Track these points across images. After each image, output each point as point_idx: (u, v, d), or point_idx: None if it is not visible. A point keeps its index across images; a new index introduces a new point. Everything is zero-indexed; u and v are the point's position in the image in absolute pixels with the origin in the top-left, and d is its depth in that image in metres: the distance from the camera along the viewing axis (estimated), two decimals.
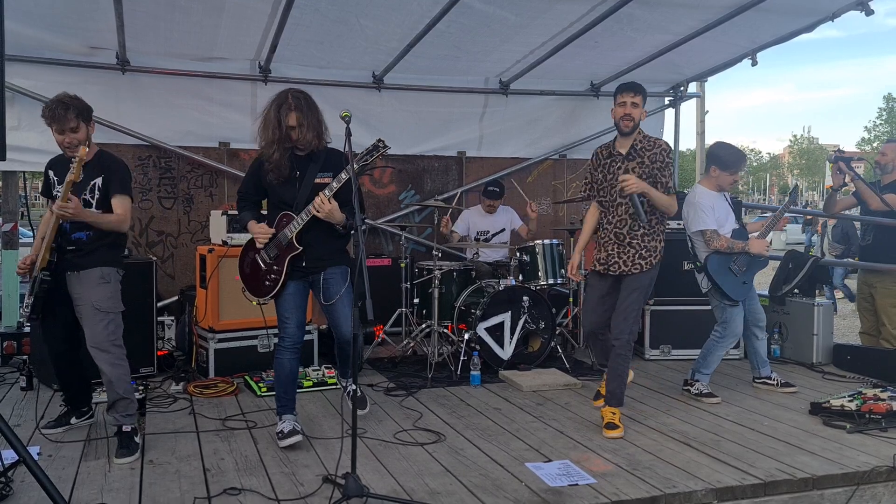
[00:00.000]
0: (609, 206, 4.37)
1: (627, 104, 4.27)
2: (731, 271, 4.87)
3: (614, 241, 4.34)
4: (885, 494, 3.66)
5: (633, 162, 4.27)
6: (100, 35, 5.86)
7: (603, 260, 4.39)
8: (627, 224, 4.30)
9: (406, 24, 5.87)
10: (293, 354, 4.00)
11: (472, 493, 3.38)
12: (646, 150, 4.29)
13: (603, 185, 4.40)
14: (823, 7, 5.80)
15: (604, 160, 4.40)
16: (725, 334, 4.98)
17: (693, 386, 5.04)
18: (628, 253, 4.30)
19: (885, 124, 41.99)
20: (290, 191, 3.98)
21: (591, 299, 4.55)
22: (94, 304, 3.85)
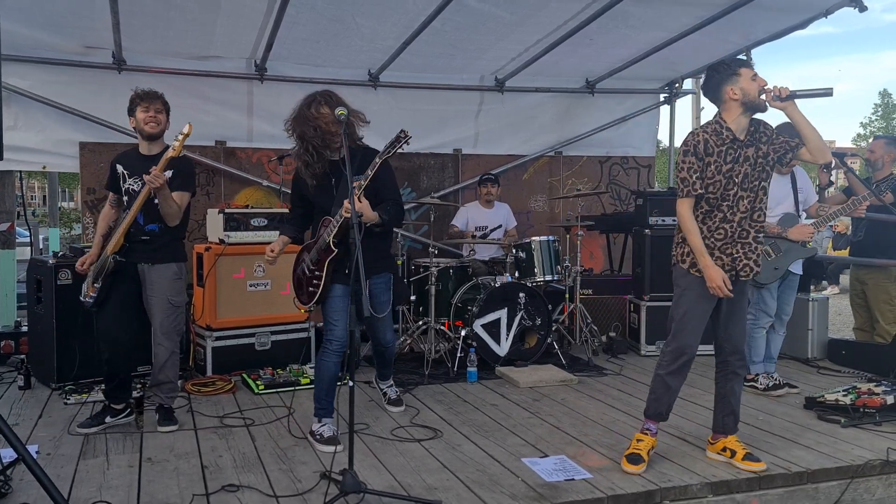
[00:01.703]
0: (728, 200, 3.62)
1: (758, 76, 3.58)
2: (763, 253, 4.86)
3: (737, 241, 3.66)
4: (880, 488, 3.69)
5: (751, 148, 3.63)
6: (96, 34, 5.86)
7: (728, 266, 3.65)
8: (748, 218, 3.65)
9: (402, 23, 5.88)
10: (338, 357, 4.01)
11: (469, 489, 3.40)
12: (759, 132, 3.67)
13: (716, 178, 3.60)
14: (817, 4, 5.83)
15: (718, 147, 3.60)
16: (758, 315, 4.94)
17: (757, 381, 5.00)
18: (755, 251, 3.70)
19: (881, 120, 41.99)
20: (327, 197, 4.02)
21: (697, 315, 3.68)
22: (170, 298, 4.21)
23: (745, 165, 3.61)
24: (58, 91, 6.17)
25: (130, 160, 4.27)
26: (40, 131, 6.22)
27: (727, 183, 3.61)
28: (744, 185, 3.62)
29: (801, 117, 3.52)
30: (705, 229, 3.67)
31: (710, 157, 3.60)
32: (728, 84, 3.58)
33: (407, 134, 3.81)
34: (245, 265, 5.56)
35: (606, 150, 8.18)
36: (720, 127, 3.62)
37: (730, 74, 3.59)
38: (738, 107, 3.59)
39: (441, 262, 6.07)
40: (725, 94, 3.59)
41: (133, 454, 3.85)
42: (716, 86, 3.63)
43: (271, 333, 5.61)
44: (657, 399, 3.77)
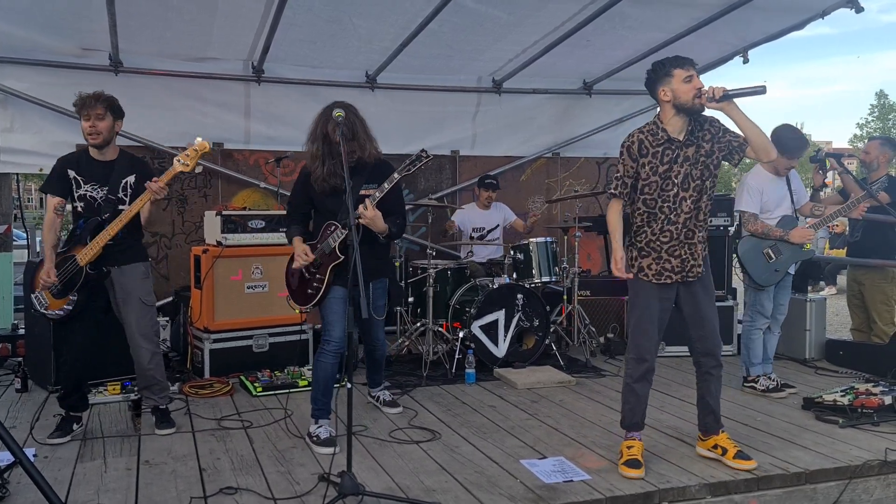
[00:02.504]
0: (668, 202, 3.60)
1: (694, 77, 3.53)
2: (763, 255, 4.85)
3: (684, 242, 3.63)
4: (878, 488, 3.69)
5: (690, 148, 3.58)
6: (93, 36, 5.86)
7: (677, 268, 3.64)
8: (693, 218, 3.62)
9: (399, 24, 5.88)
10: (336, 359, 4.04)
11: (467, 491, 3.40)
12: (702, 131, 3.61)
13: (652, 179, 3.60)
14: (813, 5, 5.84)
15: (653, 148, 3.59)
16: (755, 318, 4.96)
17: (757, 382, 5.00)
18: (698, 251, 3.67)
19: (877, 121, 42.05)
20: (336, 202, 4.01)
21: (648, 319, 3.69)
22: (142, 298, 4.16)
23: (686, 166, 3.57)
24: (55, 93, 6.16)
25: (84, 165, 4.10)
26: (37, 133, 6.21)
27: (664, 183, 3.58)
28: (684, 185, 3.59)
29: (740, 117, 3.47)
30: (650, 232, 3.66)
31: (645, 158, 3.59)
32: (660, 84, 3.56)
33: (428, 154, 3.92)
34: (243, 267, 5.55)
35: (604, 152, 8.19)
36: (656, 127, 3.60)
37: (663, 75, 3.56)
38: (670, 108, 3.57)
39: (439, 264, 6.07)
40: (658, 94, 3.58)
41: (131, 457, 3.84)
42: (651, 85, 3.64)
43: (269, 335, 5.60)
44: (631, 409, 3.76)
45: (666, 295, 3.69)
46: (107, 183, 4.08)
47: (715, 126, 3.63)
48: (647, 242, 3.67)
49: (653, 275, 3.67)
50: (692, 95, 3.48)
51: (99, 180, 4.07)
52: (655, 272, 3.67)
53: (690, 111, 3.53)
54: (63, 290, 4.03)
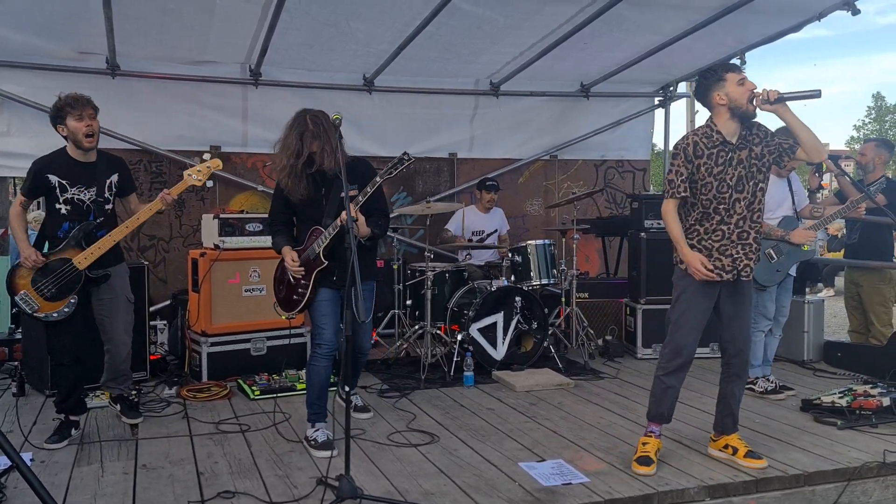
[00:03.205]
0: (724, 203, 3.63)
1: (746, 80, 3.58)
2: (764, 256, 4.85)
3: (737, 243, 3.66)
4: (876, 490, 3.69)
5: (744, 151, 3.63)
6: (89, 40, 5.85)
7: (728, 266, 3.65)
8: (747, 220, 3.66)
9: (396, 27, 5.88)
10: (328, 361, 4.02)
11: (465, 494, 3.39)
12: (752, 134, 3.66)
13: (707, 180, 3.62)
14: (810, 7, 5.85)
15: (708, 150, 3.62)
16: (757, 319, 4.93)
17: (755, 384, 4.99)
18: (755, 251, 3.70)
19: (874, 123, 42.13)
20: (317, 208, 4.01)
21: (694, 315, 3.70)
22: (127, 296, 4.29)
23: (739, 168, 3.63)
24: (51, 97, 6.07)
25: (66, 168, 4.07)
26: (33, 137, 6.19)
27: (719, 185, 3.62)
28: (738, 187, 3.63)
29: (793, 119, 3.53)
30: (702, 231, 3.69)
31: (700, 160, 3.63)
32: (715, 90, 3.61)
33: (410, 157, 3.88)
34: (240, 270, 5.54)
35: (602, 154, 8.20)
36: (711, 130, 3.65)
37: (716, 80, 3.61)
38: (725, 111, 3.62)
39: (437, 267, 6.06)
40: (713, 99, 3.64)
41: (128, 461, 3.82)
42: (704, 92, 3.69)
43: (267, 339, 5.59)
44: (657, 401, 3.79)
45: (711, 293, 3.71)
46: (93, 184, 4.10)
47: (762, 130, 3.71)
48: (698, 240, 3.70)
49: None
50: (747, 98, 3.54)
51: (85, 183, 4.09)
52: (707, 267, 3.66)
53: (745, 114, 3.59)
54: (58, 292, 4.00)
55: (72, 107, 4.01)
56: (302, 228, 4.14)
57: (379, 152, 6.97)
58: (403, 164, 3.87)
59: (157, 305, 6.38)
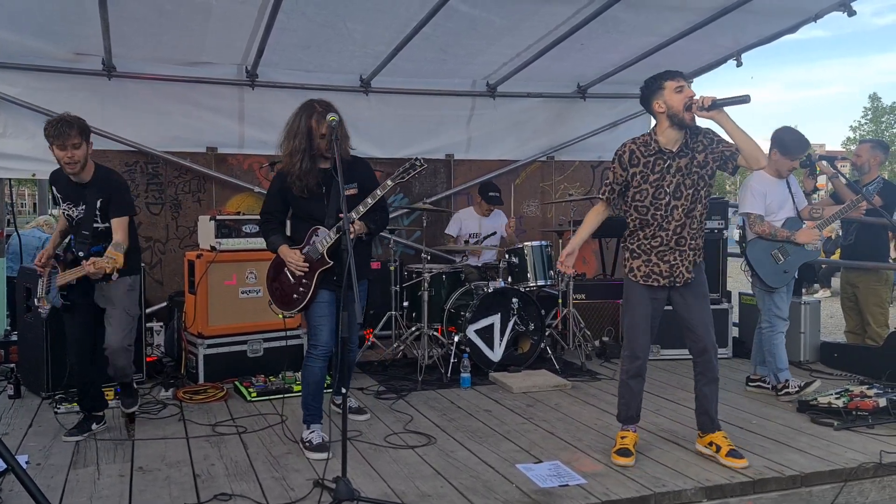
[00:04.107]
0: (660, 210, 3.73)
1: (685, 88, 3.64)
2: (771, 257, 4.87)
3: (674, 249, 3.76)
4: (873, 490, 3.69)
5: (684, 159, 3.71)
6: (86, 41, 5.84)
7: (665, 272, 3.77)
8: (686, 227, 3.76)
9: (393, 28, 5.88)
10: (324, 363, 4.02)
11: (462, 496, 3.39)
12: (695, 142, 3.72)
13: (643, 187, 3.74)
14: (806, 8, 5.85)
15: (644, 158, 3.74)
16: (774, 322, 4.94)
17: (789, 385, 4.95)
18: (689, 258, 3.79)
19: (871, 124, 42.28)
20: (318, 205, 3.97)
21: (640, 318, 3.83)
22: (126, 310, 4.20)
23: (678, 176, 3.71)
24: (47, 98, 6.14)
25: (63, 183, 4.17)
26: (30, 138, 6.17)
27: (655, 192, 3.72)
28: (676, 194, 3.72)
29: (730, 125, 3.59)
30: (642, 236, 3.82)
31: (636, 168, 3.74)
32: (655, 98, 3.69)
33: (422, 162, 3.91)
34: (237, 272, 5.54)
35: (598, 155, 8.20)
36: (650, 139, 3.76)
37: (656, 89, 3.69)
38: (665, 119, 3.71)
39: (434, 268, 6.06)
40: (653, 107, 3.72)
41: (124, 463, 3.82)
42: (646, 100, 3.79)
43: (263, 340, 5.58)
44: (626, 404, 3.93)
45: (656, 296, 3.84)
46: (80, 203, 4.13)
47: (708, 137, 3.76)
48: (638, 245, 3.84)
49: (641, 276, 3.83)
50: (683, 105, 3.60)
51: (73, 201, 4.15)
52: (644, 274, 3.83)
53: (683, 122, 3.65)
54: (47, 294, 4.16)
55: (53, 137, 3.95)
56: (299, 227, 4.10)
57: (375, 153, 6.96)
58: (416, 169, 3.90)
59: (154, 307, 6.36)
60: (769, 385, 5.07)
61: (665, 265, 3.78)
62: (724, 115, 3.58)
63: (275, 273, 4.16)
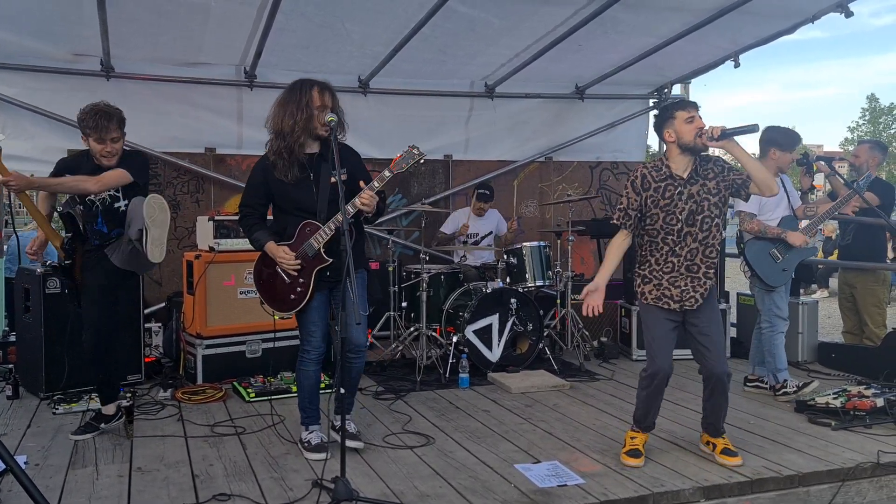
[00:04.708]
0: (672, 235, 3.76)
1: (696, 119, 3.71)
2: (770, 256, 4.88)
3: (686, 275, 3.77)
4: (870, 490, 3.70)
5: (695, 185, 3.74)
6: (84, 42, 5.84)
7: (677, 297, 3.77)
8: (699, 254, 3.76)
9: (392, 29, 5.89)
10: (318, 365, 3.95)
11: (461, 496, 3.39)
12: (706, 169, 3.77)
13: (653, 211, 3.77)
14: (803, 9, 5.87)
15: (656, 183, 3.78)
16: (774, 322, 4.95)
17: (787, 385, 4.95)
18: (703, 285, 3.78)
19: (868, 124, 42.33)
20: (307, 195, 3.76)
21: (660, 338, 3.84)
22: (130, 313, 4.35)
23: (690, 203, 3.74)
24: (46, 98, 6.15)
25: (87, 171, 4.02)
26: (29, 139, 6.19)
27: (666, 217, 3.75)
28: (689, 221, 3.75)
29: (741, 153, 3.73)
30: (653, 261, 3.85)
31: (647, 193, 3.78)
32: (665, 127, 3.78)
33: (420, 151, 3.81)
34: (235, 272, 5.54)
35: (596, 156, 8.21)
36: (661, 164, 3.82)
37: (667, 118, 3.78)
38: (675, 147, 3.76)
39: (432, 269, 6.07)
40: (664, 136, 3.80)
41: (123, 464, 3.81)
42: (658, 128, 3.86)
43: (262, 341, 5.58)
44: (644, 414, 3.91)
45: (668, 317, 3.83)
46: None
47: (719, 165, 3.82)
48: (649, 271, 3.85)
49: (652, 299, 3.84)
50: (694, 135, 3.68)
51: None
52: (655, 297, 3.83)
53: (693, 150, 3.72)
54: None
55: (92, 129, 3.91)
56: (287, 221, 3.85)
57: (374, 154, 6.96)
58: (413, 158, 3.79)
59: (152, 308, 6.36)
60: (767, 385, 5.08)
61: (676, 290, 3.78)
62: (734, 143, 3.67)
63: (264, 272, 3.93)
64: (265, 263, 3.93)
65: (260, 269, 3.97)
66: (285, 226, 3.87)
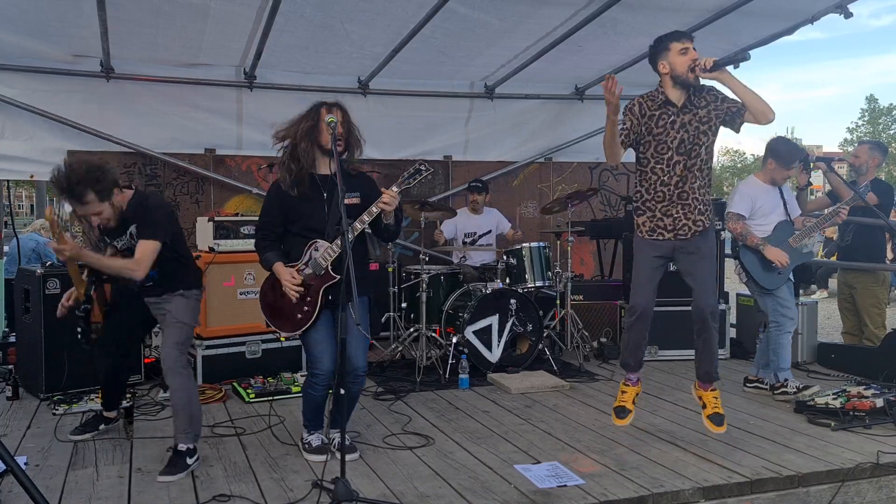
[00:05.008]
0: (661, 164, 3.80)
1: (689, 50, 3.70)
2: (765, 259, 4.89)
3: (677, 203, 3.81)
4: (870, 491, 3.70)
5: (687, 115, 3.77)
6: (84, 42, 5.84)
7: (670, 227, 3.83)
8: (688, 181, 3.79)
9: (391, 30, 5.89)
10: (326, 390, 3.83)
11: (461, 496, 3.39)
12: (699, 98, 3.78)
13: (646, 139, 3.80)
14: (803, 10, 5.87)
15: (650, 111, 3.79)
16: (782, 322, 4.94)
17: (787, 385, 4.96)
18: (694, 210, 3.82)
19: (868, 125, 42.34)
20: (318, 214, 3.72)
21: (644, 273, 3.91)
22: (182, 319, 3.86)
23: (682, 132, 3.78)
24: (45, 99, 6.15)
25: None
26: (28, 140, 6.18)
27: (657, 145, 3.80)
28: (679, 149, 3.79)
29: (735, 83, 3.66)
30: (644, 191, 3.90)
31: (644, 119, 3.80)
32: (659, 58, 3.79)
33: (428, 167, 3.79)
34: (235, 273, 5.54)
35: (596, 156, 8.21)
36: (657, 93, 3.84)
37: (661, 49, 3.78)
38: (669, 79, 3.78)
39: (432, 269, 6.07)
40: (659, 67, 3.80)
41: (123, 464, 3.82)
42: (652, 59, 3.86)
43: (262, 342, 5.58)
44: (628, 353, 4.06)
45: (658, 254, 3.91)
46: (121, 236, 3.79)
47: (712, 94, 3.83)
48: (643, 201, 3.90)
49: (646, 231, 3.90)
50: (687, 67, 3.69)
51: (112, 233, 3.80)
52: (649, 229, 3.90)
53: (686, 82, 3.73)
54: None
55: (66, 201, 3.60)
56: (293, 242, 3.81)
57: (374, 155, 6.96)
58: (421, 174, 3.76)
59: None
60: (767, 385, 5.08)
61: (669, 219, 3.84)
62: (728, 73, 3.65)
63: (271, 292, 3.86)
64: (271, 284, 3.86)
65: (266, 290, 3.90)
66: (290, 248, 3.82)
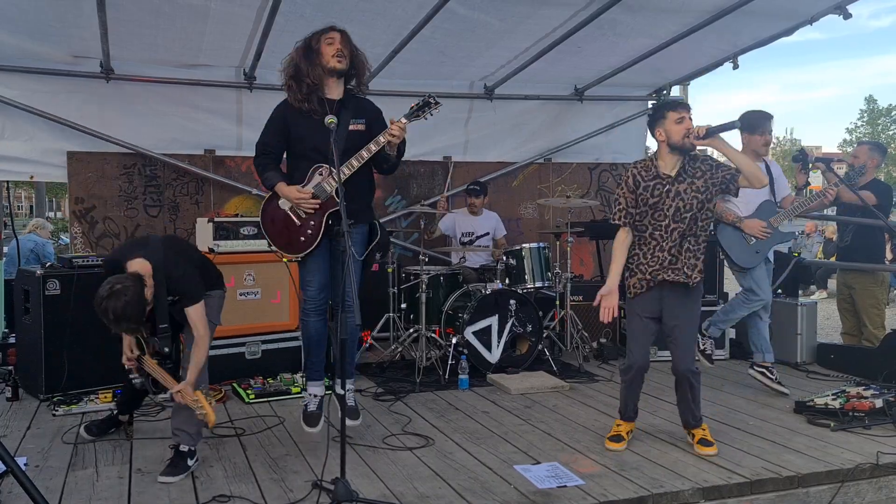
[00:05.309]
0: (659, 230, 3.93)
1: (685, 119, 3.86)
2: (743, 238, 4.95)
3: (668, 268, 3.93)
4: (869, 491, 3.71)
5: (682, 184, 3.90)
6: (83, 43, 5.84)
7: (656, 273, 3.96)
8: (683, 244, 3.92)
9: (391, 30, 5.89)
10: (318, 316, 3.92)
11: (461, 497, 3.40)
12: (694, 168, 3.93)
13: (642, 209, 3.95)
14: (802, 11, 5.88)
15: (645, 182, 3.95)
16: (751, 297, 5.01)
17: (702, 338, 5.03)
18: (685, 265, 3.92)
19: (867, 126, 42.36)
20: (324, 137, 3.63)
21: (637, 332, 4.06)
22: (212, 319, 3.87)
23: (677, 200, 3.90)
24: (45, 100, 6.15)
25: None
26: (27, 140, 6.19)
27: (654, 213, 3.94)
28: (675, 217, 3.92)
29: (728, 150, 3.88)
30: (640, 255, 4.02)
31: (638, 191, 3.97)
32: (657, 126, 3.95)
33: (435, 99, 3.85)
34: (235, 274, 5.53)
35: (596, 157, 8.22)
36: (651, 164, 4.01)
37: (658, 118, 3.95)
38: (665, 146, 3.94)
39: (431, 270, 6.07)
40: (656, 134, 3.98)
41: (123, 465, 3.82)
42: (650, 127, 4.04)
43: (262, 342, 5.58)
44: (625, 404, 4.16)
45: (648, 312, 4.02)
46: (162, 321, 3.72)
47: (707, 163, 3.98)
48: (637, 264, 4.02)
49: (637, 291, 4.04)
50: (682, 135, 3.86)
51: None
52: (639, 288, 4.03)
53: (682, 149, 3.90)
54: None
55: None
56: (297, 165, 3.82)
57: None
58: (430, 107, 3.85)
59: None
60: (774, 378, 5.09)
61: (658, 279, 3.97)
62: (720, 140, 3.83)
63: (273, 214, 3.87)
64: (272, 206, 3.89)
65: (269, 211, 3.90)
66: (294, 171, 3.86)
